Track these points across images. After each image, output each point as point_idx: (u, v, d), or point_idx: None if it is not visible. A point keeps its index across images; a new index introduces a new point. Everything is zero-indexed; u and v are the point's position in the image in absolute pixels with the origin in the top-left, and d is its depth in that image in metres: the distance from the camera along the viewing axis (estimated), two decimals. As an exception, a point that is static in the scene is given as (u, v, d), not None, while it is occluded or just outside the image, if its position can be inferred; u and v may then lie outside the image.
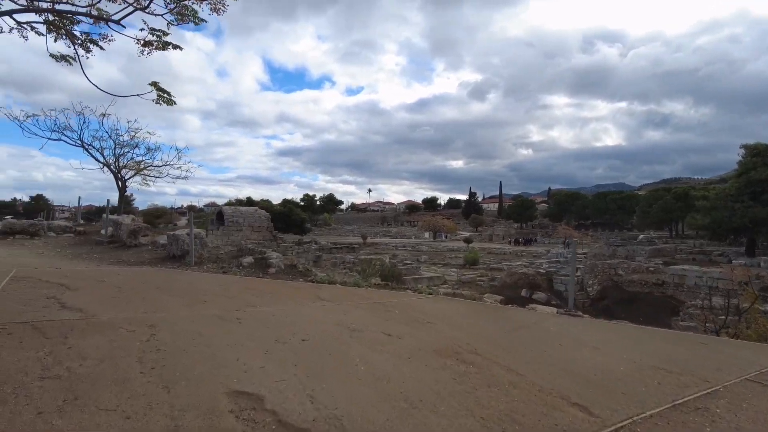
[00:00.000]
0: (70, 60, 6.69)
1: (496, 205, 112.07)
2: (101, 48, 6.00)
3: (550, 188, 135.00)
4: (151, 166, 21.48)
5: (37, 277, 6.80)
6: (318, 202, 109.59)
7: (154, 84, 5.96)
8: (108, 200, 15.19)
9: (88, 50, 5.81)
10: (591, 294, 23.64)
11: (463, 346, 4.76)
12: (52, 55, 6.77)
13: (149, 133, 21.34)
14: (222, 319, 5.14)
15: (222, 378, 3.34)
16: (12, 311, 4.81)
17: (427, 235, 71.42)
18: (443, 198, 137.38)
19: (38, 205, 75.93)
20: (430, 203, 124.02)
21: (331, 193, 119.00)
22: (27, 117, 18.45)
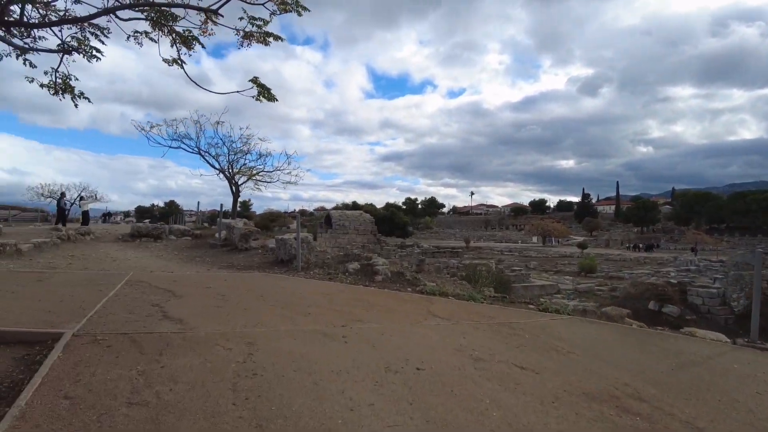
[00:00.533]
0: (180, 63, 6.67)
1: (613, 207, 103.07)
2: (202, 45, 5.83)
3: (674, 188, 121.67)
4: (262, 171, 22.32)
5: (149, 282, 6.83)
6: (420, 206, 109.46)
7: (255, 80, 5.63)
8: (221, 205, 15.89)
9: (190, 47, 5.66)
10: (736, 309, 20.27)
11: (621, 388, 3.68)
12: (164, 60, 6.80)
13: (260, 140, 22.09)
14: (326, 336, 4.54)
15: (324, 418, 2.75)
16: (117, 320, 4.64)
17: (535, 239, 67.69)
18: (552, 200, 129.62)
19: (170, 210, 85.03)
20: (538, 206, 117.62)
21: (432, 197, 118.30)
22: (151, 127, 20.16)
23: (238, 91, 5.86)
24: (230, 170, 21.46)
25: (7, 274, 6.86)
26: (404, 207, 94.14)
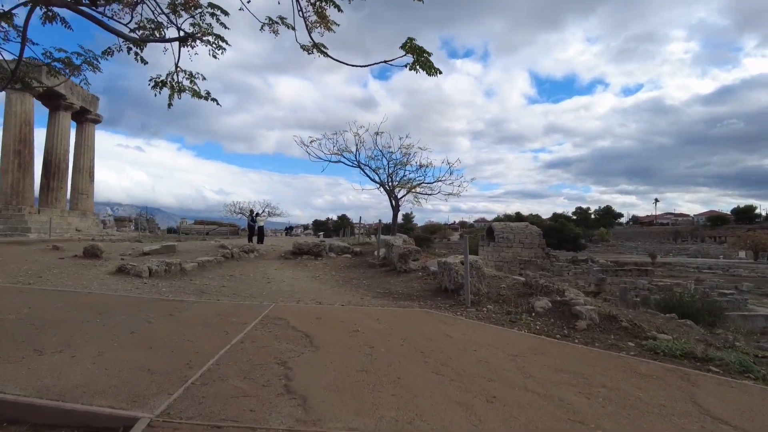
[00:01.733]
0: (322, 48, 5.37)
1: None
2: (339, 9, 4.38)
3: None
4: (422, 183, 20.91)
5: (288, 319, 5.56)
6: (592, 216, 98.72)
7: (408, 42, 3.93)
8: (380, 220, 14.86)
9: (328, 26, 4.26)
10: None
11: None
12: (303, 47, 5.58)
13: (421, 149, 20.68)
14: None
15: None
16: (220, 394, 3.25)
17: (743, 254, 54.94)
18: (763, 207, 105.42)
19: (342, 223, 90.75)
20: (744, 213, 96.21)
21: (607, 206, 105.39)
22: (311, 141, 20.18)
23: (386, 61, 4.23)
24: (390, 183, 20.57)
25: (148, 303, 6.24)
26: (575, 218, 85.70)
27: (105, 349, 4.11)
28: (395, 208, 20.24)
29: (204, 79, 5.19)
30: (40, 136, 31.68)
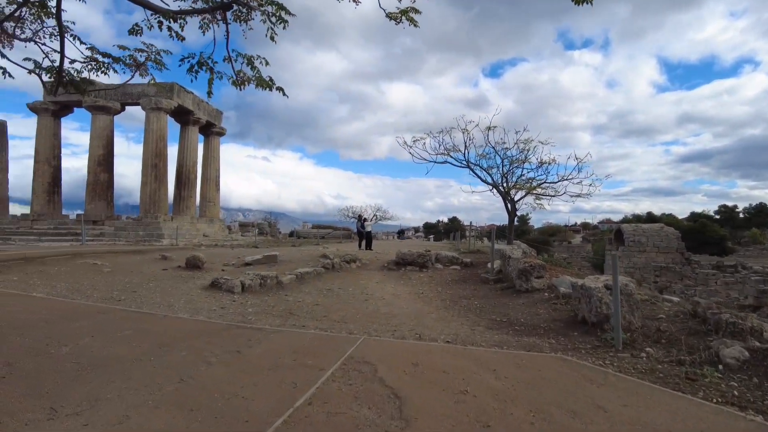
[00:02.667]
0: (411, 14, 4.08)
1: None
2: None
3: None
4: (544, 182, 18.24)
5: (376, 365, 4.30)
6: (741, 215, 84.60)
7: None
8: (493, 229, 13.07)
9: None
10: None
11: None
12: (389, 16, 4.34)
13: (541, 143, 18.06)
14: None
15: None
16: None
17: None
18: None
19: (453, 226, 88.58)
20: None
21: (761, 203, 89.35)
22: (414, 141, 18.69)
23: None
24: (505, 184, 18.38)
25: (221, 332, 5.41)
26: (717, 217, 74.05)
27: (134, 409, 3.18)
28: (512, 213, 17.92)
29: (267, 64, 4.17)
30: (172, 150, 34.63)
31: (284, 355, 4.55)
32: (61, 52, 4.16)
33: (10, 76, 4.85)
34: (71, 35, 4.46)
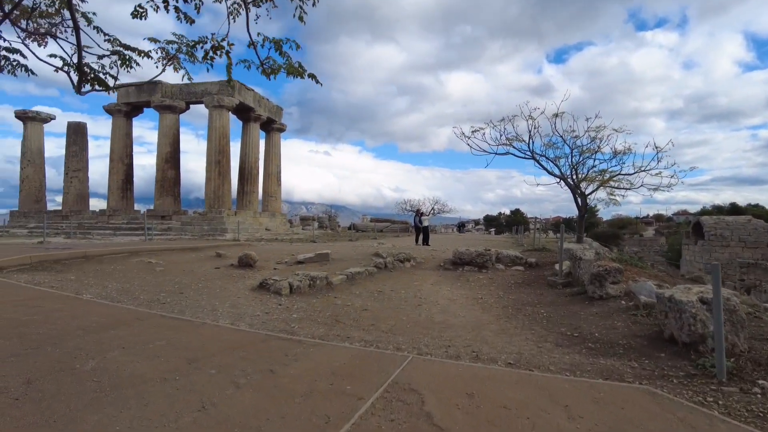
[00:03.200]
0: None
1: None
2: None
3: None
4: (619, 175, 16.62)
5: (423, 393, 3.70)
6: None
7: None
8: (562, 220, 11.98)
9: None
10: None
11: None
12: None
13: (615, 131, 16.44)
14: None
15: None
16: None
17: None
18: None
19: (516, 219, 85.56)
20: None
21: None
22: (473, 131, 17.60)
23: None
24: (574, 177, 16.97)
25: (257, 345, 5.01)
26: (818, 207, 66.40)
27: (143, 448, 2.78)
28: (582, 208, 16.52)
29: (298, 47, 3.65)
30: (235, 146, 35.58)
31: (321, 377, 4.06)
32: (78, 44, 3.88)
33: (33, 73, 4.69)
34: (94, 27, 4.19)
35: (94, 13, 4.38)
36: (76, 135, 36.45)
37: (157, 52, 4.45)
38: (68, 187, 35.78)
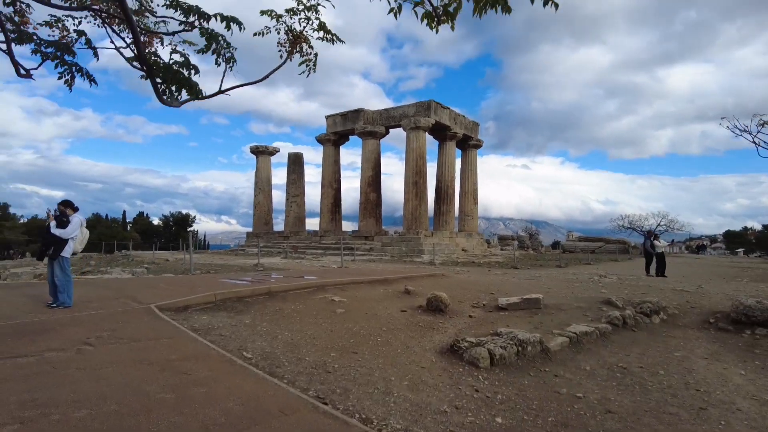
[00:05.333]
0: None
1: None
2: None
3: None
4: None
5: None
6: None
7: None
8: None
9: None
10: None
11: None
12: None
13: None
14: None
15: None
16: None
17: None
18: None
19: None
20: None
21: None
22: (761, 124, 12.78)
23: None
24: None
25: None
26: None
27: None
28: None
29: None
30: (431, 166, 35.03)
31: None
32: (134, 37, 2.60)
33: (94, 82, 3.71)
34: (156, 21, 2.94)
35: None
36: (295, 164, 40.81)
37: (278, 30, 2.96)
38: (289, 210, 40.14)
